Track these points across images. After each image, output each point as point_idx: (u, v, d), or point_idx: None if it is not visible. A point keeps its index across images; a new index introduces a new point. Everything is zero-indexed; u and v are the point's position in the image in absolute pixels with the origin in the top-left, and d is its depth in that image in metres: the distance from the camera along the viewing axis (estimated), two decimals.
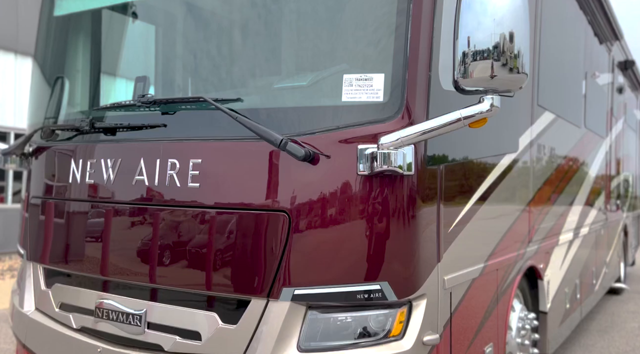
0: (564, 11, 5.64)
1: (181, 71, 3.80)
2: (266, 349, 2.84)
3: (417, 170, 2.88)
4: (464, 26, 2.58)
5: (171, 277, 3.15)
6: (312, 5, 3.18)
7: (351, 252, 2.85)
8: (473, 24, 2.57)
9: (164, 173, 3.21)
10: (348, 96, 2.88)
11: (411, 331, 2.87)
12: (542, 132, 4.94)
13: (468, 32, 2.58)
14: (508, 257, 4.10)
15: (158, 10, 3.89)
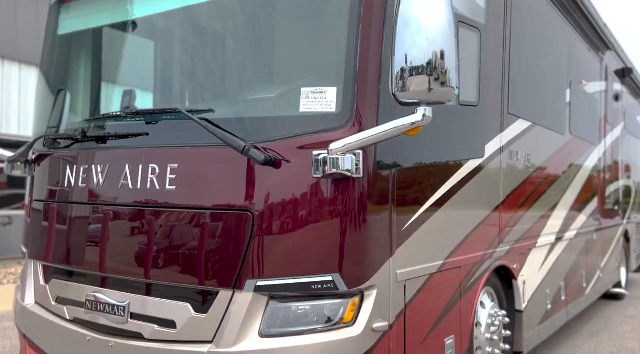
0: (539, 23, 5.91)
1: (168, 85, 4.16)
2: (232, 335, 3.17)
3: (368, 173, 3.19)
4: (400, 44, 2.88)
5: (151, 271, 3.50)
6: (277, 31, 3.54)
7: (307, 247, 3.17)
8: (409, 42, 2.88)
9: (145, 177, 3.56)
10: (305, 107, 3.21)
11: (361, 318, 3.18)
12: (515, 139, 5.21)
13: (405, 50, 2.89)
14: (473, 256, 4.38)
15: (145, 32, 4.25)
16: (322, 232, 3.17)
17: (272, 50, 3.58)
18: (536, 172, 5.77)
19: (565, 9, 6.64)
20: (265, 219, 3.19)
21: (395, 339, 3.39)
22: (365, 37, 3.18)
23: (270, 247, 3.19)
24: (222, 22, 3.70)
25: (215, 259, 3.27)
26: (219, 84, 3.72)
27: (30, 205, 4.47)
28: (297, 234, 3.18)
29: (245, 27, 3.63)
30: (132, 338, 3.51)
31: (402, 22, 2.89)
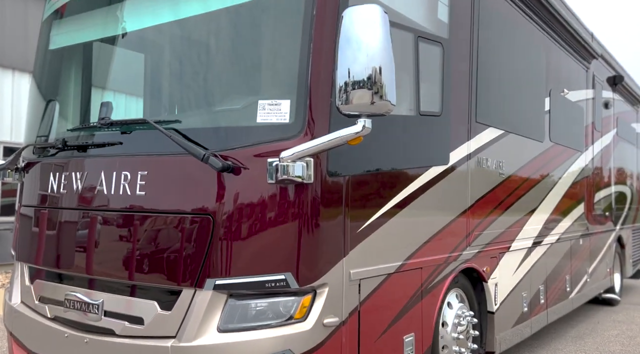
0: (512, 36, 6.13)
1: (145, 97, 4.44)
2: (192, 330, 3.41)
3: (320, 179, 3.43)
4: (343, 59, 3.12)
5: (122, 272, 3.76)
6: (238, 50, 3.83)
7: (262, 248, 3.42)
8: (351, 58, 3.11)
9: (118, 183, 3.83)
10: (261, 118, 3.47)
11: (313, 314, 3.41)
12: (485, 146, 5.43)
13: (347, 65, 3.12)
14: (436, 258, 4.60)
15: (122, 49, 4.54)
16: (276, 234, 3.41)
17: (234, 66, 3.85)
18: (510, 179, 5.97)
19: (543, 21, 6.86)
20: (223, 222, 3.44)
21: (347, 334, 3.61)
22: (316, 55, 3.43)
23: (228, 249, 3.44)
24: (190, 42, 3.99)
25: (178, 259, 3.53)
26: (186, 97, 4.00)
27: (18, 210, 4.75)
28: (253, 236, 3.43)
29: (211, 46, 3.92)
30: (105, 334, 3.76)
31: (344, 39, 3.12)
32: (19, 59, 13.97)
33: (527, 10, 6.45)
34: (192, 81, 3.98)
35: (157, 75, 4.29)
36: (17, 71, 14.12)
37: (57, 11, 4.98)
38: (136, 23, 4.26)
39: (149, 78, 4.43)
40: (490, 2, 5.60)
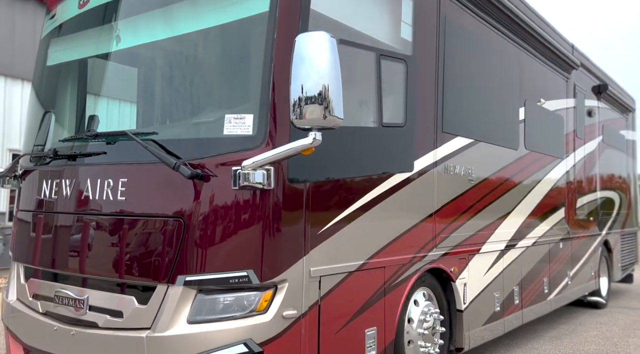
0: (481, 51, 6.49)
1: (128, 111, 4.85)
2: (165, 322, 3.79)
3: (280, 186, 3.81)
4: (297, 76, 3.49)
5: (104, 270, 4.15)
6: (208, 70, 4.26)
7: (227, 247, 3.80)
8: (304, 75, 3.48)
9: (102, 190, 4.22)
10: (228, 130, 3.85)
11: (273, 307, 3.79)
12: (452, 154, 5.79)
13: (301, 81, 3.49)
14: (399, 258, 4.95)
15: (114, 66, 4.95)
16: (239, 234, 3.79)
17: (204, 84, 4.27)
18: (480, 185, 6.32)
19: (517, 36, 7.24)
20: (193, 225, 3.82)
21: (307, 326, 3.97)
22: (276, 74, 3.81)
23: (197, 248, 3.82)
24: (166, 62, 4.40)
25: (153, 258, 3.91)
26: (163, 111, 4.40)
27: (16, 214, 5.16)
28: (219, 237, 3.81)
29: (183, 66, 4.33)
30: (89, 326, 4.15)
31: (297, 58, 3.49)
32: (28, 69, 14.45)
33: (499, 26, 6.82)
34: (168, 97, 4.39)
35: (140, 91, 4.69)
36: (26, 81, 14.61)
37: (54, 30, 5.40)
38: (121, 44, 4.66)
39: (134, 93, 4.83)
40: (458, 20, 5.97)
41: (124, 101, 5.01)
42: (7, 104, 14.65)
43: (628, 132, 12.98)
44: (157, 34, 4.46)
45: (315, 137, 3.53)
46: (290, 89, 3.49)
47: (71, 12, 5.10)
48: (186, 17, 4.32)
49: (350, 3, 4.66)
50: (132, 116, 4.91)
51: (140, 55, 4.68)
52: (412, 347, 5.22)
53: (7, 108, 14.71)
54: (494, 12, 6.64)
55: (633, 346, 7.67)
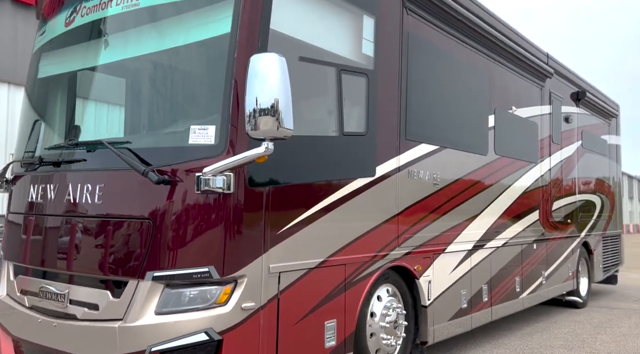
0: (447, 64, 6.89)
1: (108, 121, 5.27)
2: (135, 313, 4.20)
3: (240, 190, 4.21)
4: (251, 90, 3.89)
5: (82, 266, 4.57)
6: (176, 87, 4.70)
7: (191, 246, 4.20)
8: (258, 89, 3.88)
9: (82, 194, 4.63)
10: (192, 140, 4.26)
11: (232, 300, 4.19)
12: (416, 160, 6.18)
13: (255, 95, 3.89)
14: (360, 256, 5.34)
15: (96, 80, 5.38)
16: (202, 234, 4.19)
17: (174, 98, 4.69)
18: (446, 188, 6.71)
19: (486, 48, 7.64)
20: (160, 225, 4.22)
21: (265, 316, 4.37)
22: (237, 89, 4.21)
23: (164, 246, 4.22)
24: (139, 76, 4.83)
25: (126, 256, 4.32)
26: (137, 122, 4.83)
27: (7, 216, 5.59)
28: (184, 236, 4.21)
29: (152, 80, 4.76)
30: (69, 318, 4.56)
31: (252, 74, 3.88)
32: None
33: (467, 39, 7.22)
34: (140, 109, 4.80)
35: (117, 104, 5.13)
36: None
37: (44, 45, 5.82)
38: (101, 60, 5.11)
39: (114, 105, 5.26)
40: (422, 35, 6.37)
41: (105, 110, 5.42)
42: (10, 110, 15.11)
43: (611, 137, 13.32)
44: (132, 52, 4.89)
45: (268, 147, 3.93)
46: (244, 103, 3.89)
47: (59, 30, 5.53)
48: (157, 37, 4.75)
49: (312, 22, 5.06)
50: (111, 125, 5.33)
51: (118, 71, 5.11)
52: (375, 339, 5.60)
53: (11, 114, 15.17)
54: (460, 27, 7.04)
55: (599, 342, 8.03)
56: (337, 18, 5.33)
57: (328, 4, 5.19)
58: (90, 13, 5.14)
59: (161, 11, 4.72)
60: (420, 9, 6.34)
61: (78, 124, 5.17)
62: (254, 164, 4.10)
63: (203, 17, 4.55)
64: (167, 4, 4.66)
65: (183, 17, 4.65)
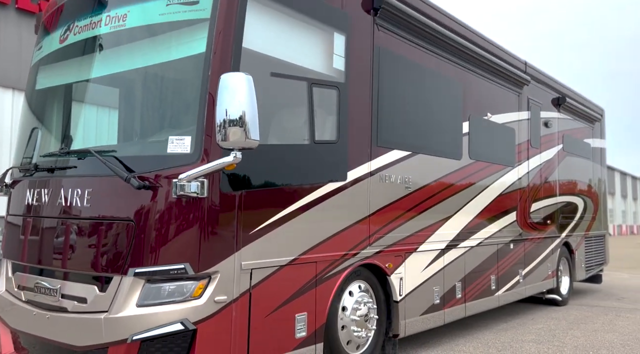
0: (419, 75, 7.33)
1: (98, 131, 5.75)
2: (119, 306, 4.65)
3: (215, 194, 4.66)
4: (221, 104, 4.34)
5: (73, 264, 5.03)
6: (157, 102, 5.16)
7: (168, 245, 4.66)
8: (227, 103, 4.33)
9: (72, 197, 5.10)
10: (170, 149, 4.72)
11: (206, 294, 4.64)
12: (388, 165, 6.63)
13: (225, 107, 4.34)
14: (331, 254, 5.79)
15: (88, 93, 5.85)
16: (178, 234, 4.65)
17: (154, 110, 5.17)
18: (418, 191, 7.15)
19: (460, 59, 8.09)
20: (142, 226, 4.68)
21: (237, 309, 4.82)
22: (211, 103, 4.66)
23: (145, 245, 4.68)
24: (125, 91, 5.29)
25: (111, 254, 4.79)
26: (122, 133, 5.30)
27: (6, 218, 6.07)
28: (162, 236, 4.66)
29: (137, 95, 5.24)
30: (61, 311, 5.03)
31: (222, 86, 4.32)
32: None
33: (440, 51, 7.68)
34: (125, 120, 5.28)
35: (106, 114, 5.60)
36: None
37: (41, 59, 6.30)
38: (92, 74, 5.58)
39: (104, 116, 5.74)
40: (393, 49, 6.82)
41: (94, 121, 5.89)
42: (15, 115, 15.61)
43: (595, 140, 13.73)
44: (118, 68, 5.38)
45: (236, 156, 4.39)
46: (215, 114, 4.35)
47: (54, 46, 6.00)
48: (140, 55, 5.23)
49: (284, 40, 5.51)
50: (100, 134, 5.81)
51: (106, 85, 5.58)
52: (346, 331, 6.06)
53: (15, 119, 15.67)
54: (431, 40, 7.50)
55: (570, 337, 8.46)
56: (308, 35, 5.78)
57: (300, 23, 5.64)
58: (82, 32, 5.61)
59: (144, 32, 5.19)
60: (392, 25, 6.79)
61: (70, 133, 5.63)
62: (229, 170, 4.55)
63: (181, 38, 5.02)
64: (150, 25, 5.13)
65: (164, 37, 5.12)
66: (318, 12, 5.79)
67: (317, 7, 5.77)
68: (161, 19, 5.05)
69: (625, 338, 8.51)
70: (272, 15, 5.35)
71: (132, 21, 5.21)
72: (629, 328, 9.27)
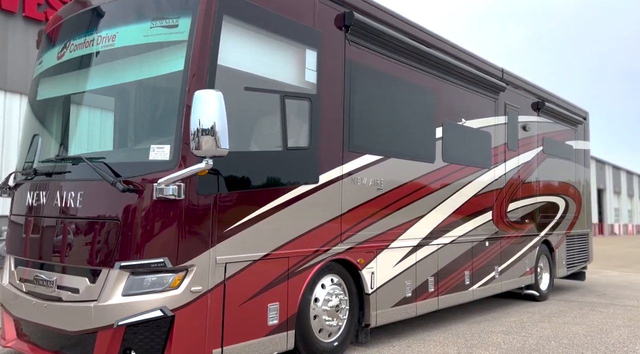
0: (392, 84, 7.91)
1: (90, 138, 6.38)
2: (106, 295, 5.26)
3: (192, 197, 5.26)
4: (195, 114, 4.94)
5: (67, 258, 5.65)
6: (140, 114, 5.75)
7: (149, 241, 5.26)
8: (200, 113, 4.92)
9: (67, 199, 5.72)
10: (152, 157, 5.32)
11: (184, 284, 5.24)
12: (360, 168, 7.22)
13: (198, 117, 4.94)
14: (303, 250, 6.38)
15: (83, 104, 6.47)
16: (158, 232, 5.25)
17: (138, 122, 5.79)
18: (390, 192, 7.73)
19: (434, 69, 8.67)
20: (126, 224, 5.28)
21: (213, 298, 5.42)
22: (187, 117, 5.23)
23: (129, 242, 5.27)
24: (117, 103, 5.92)
25: (99, 249, 5.40)
26: (113, 140, 5.91)
27: (9, 217, 6.70)
28: (144, 234, 5.26)
29: (125, 109, 5.85)
30: (57, 300, 5.64)
31: (196, 99, 4.92)
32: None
33: (413, 63, 8.26)
34: (114, 129, 5.89)
35: (99, 123, 6.23)
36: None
37: (41, 73, 6.93)
38: (87, 87, 6.21)
39: (96, 125, 6.37)
40: (365, 62, 7.40)
41: (86, 129, 6.52)
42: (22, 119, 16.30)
43: (578, 142, 14.26)
44: (108, 82, 6.02)
45: (208, 162, 5.00)
46: (190, 125, 4.94)
47: (52, 61, 6.63)
48: (127, 71, 5.86)
49: (259, 57, 6.09)
50: (92, 142, 6.45)
51: (97, 97, 6.21)
52: (318, 321, 6.65)
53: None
54: (403, 52, 8.08)
55: (538, 329, 9.01)
56: (282, 52, 6.38)
57: (273, 41, 6.23)
58: (76, 49, 6.23)
59: (131, 50, 5.81)
60: (362, 40, 7.38)
61: (65, 140, 6.25)
62: (206, 175, 5.16)
63: (162, 57, 5.63)
64: (136, 45, 5.75)
65: (148, 55, 5.74)
66: (291, 32, 6.38)
67: (289, 27, 6.36)
68: (145, 40, 5.66)
69: (591, 329, 9.05)
70: (247, 35, 5.95)
71: (121, 41, 5.83)
72: (598, 321, 9.81)
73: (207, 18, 5.45)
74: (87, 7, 6.33)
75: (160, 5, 5.75)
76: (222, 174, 5.48)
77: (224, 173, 5.48)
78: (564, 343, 8.03)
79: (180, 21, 5.49)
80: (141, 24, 5.71)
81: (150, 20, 5.66)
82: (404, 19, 8.28)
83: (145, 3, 5.86)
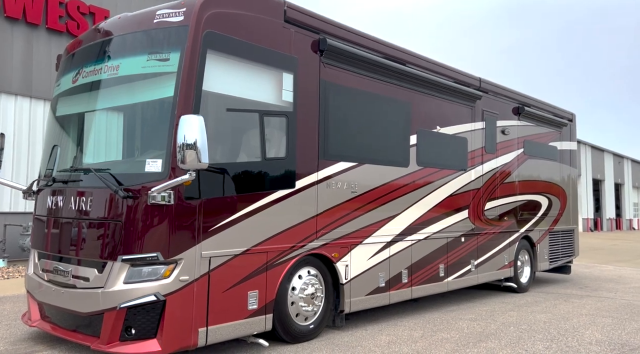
0: (366, 97, 8.95)
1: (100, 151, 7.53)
2: (111, 283, 6.39)
3: (181, 201, 6.37)
4: (180, 127, 6.02)
5: (80, 252, 6.80)
6: (137, 131, 6.84)
7: (145, 239, 6.37)
8: (185, 133, 6.00)
9: (80, 203, 6.87)
10: (147, 169, 6.43)
11: (174, 274, 6.35)
12: (335, 174, 8.27)
13: (183, 132, 6.03)
14: (280, 246, 7.45)
15: (92, 121, 7.61)
16: (153, 231, 6.36)
17: (137, 140, 6.91)
18: (364, 194, 8.77)
19: (407, 82, 9.69)
20: (127, 225, 6.41)
21: (199, 286, 6.51)
22: (175, 136, 6.34)
23: (129, 239, 6.39)
24: (120, 122, 7.05)
25: (105, 245, 6.53)
26: (115, 155, 7.05)
27: (33, 217, 7.89)
28: (141, 233, 6.37)
29: (126, 127, 6.99)
30: (71, 287, 6.80)
31: (183, 120, 6.01)
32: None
33: (386, 78, 9.28)
34: (118, 144, 7.04)
35: (107, 139, 7.39)
36: None
37: (59, 93, 8.09)
38: (96, 106, 7.36)
39: (104, 140, 7.53)
40: (339, 81, 8.44)
41: (95, 143, 7.66)
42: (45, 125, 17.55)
43: (562, 143, 15.14)
44: (112, 104, 7.16)
45: (191, 174, 6.10)
46: (176, 139, 6.05)
47: (68, 84, 7.78)
48: (128, 95, 7.00)
49: (240, 81, 7.17)
50: (98, 155, 7.62)
51: (104, 116, 7.37)
52: (295, 306, 7.74)
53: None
54: (376, 70, 9.11)
55: (505, 316, 9.97)
56: (261, 76, 7.45)
57: (253, 68, 7.30)
58: (88, 76, 7.37)
59: (131, 78, 6.93)
60: (336, 61, 8.43)
61: (78, 153, 7.41)
62: (192, 184, 6.26)
63: (156, 84, 6.74)
64: (135, 74, 6.87)
65: (144, 83, 6.85)
66: (269, 59, 7.46)
67: (267, 55, 7.44)
68: (142, 70, 6.78)
69: (554, 317, 9.99)
70: (229, 63, 7.03)
71: (123, 70, 6.96)
72: (564, 310, 10.75)
73: (194, 53, 6.54)
74: (102, 37, 7.45)
75: (155, 42, 6.86)
76: (207, 182, 6.55)
77: (208, 181, 6.56)
78: (521, 329, 9.00)
79: (171, 55, 6.60)
80: (139, 56, 6.83)
81: (147, 53, 6.78)
82: (377, 39, 9.31)
83: (143, 39, 6.97)
